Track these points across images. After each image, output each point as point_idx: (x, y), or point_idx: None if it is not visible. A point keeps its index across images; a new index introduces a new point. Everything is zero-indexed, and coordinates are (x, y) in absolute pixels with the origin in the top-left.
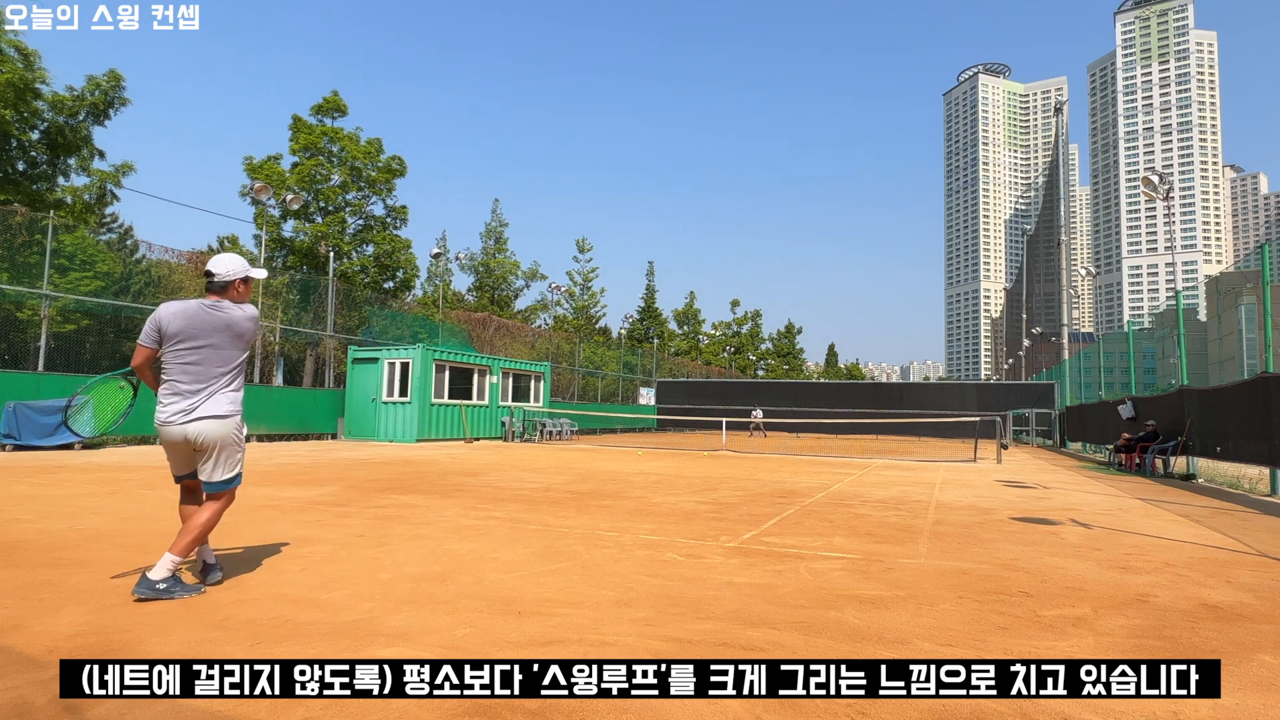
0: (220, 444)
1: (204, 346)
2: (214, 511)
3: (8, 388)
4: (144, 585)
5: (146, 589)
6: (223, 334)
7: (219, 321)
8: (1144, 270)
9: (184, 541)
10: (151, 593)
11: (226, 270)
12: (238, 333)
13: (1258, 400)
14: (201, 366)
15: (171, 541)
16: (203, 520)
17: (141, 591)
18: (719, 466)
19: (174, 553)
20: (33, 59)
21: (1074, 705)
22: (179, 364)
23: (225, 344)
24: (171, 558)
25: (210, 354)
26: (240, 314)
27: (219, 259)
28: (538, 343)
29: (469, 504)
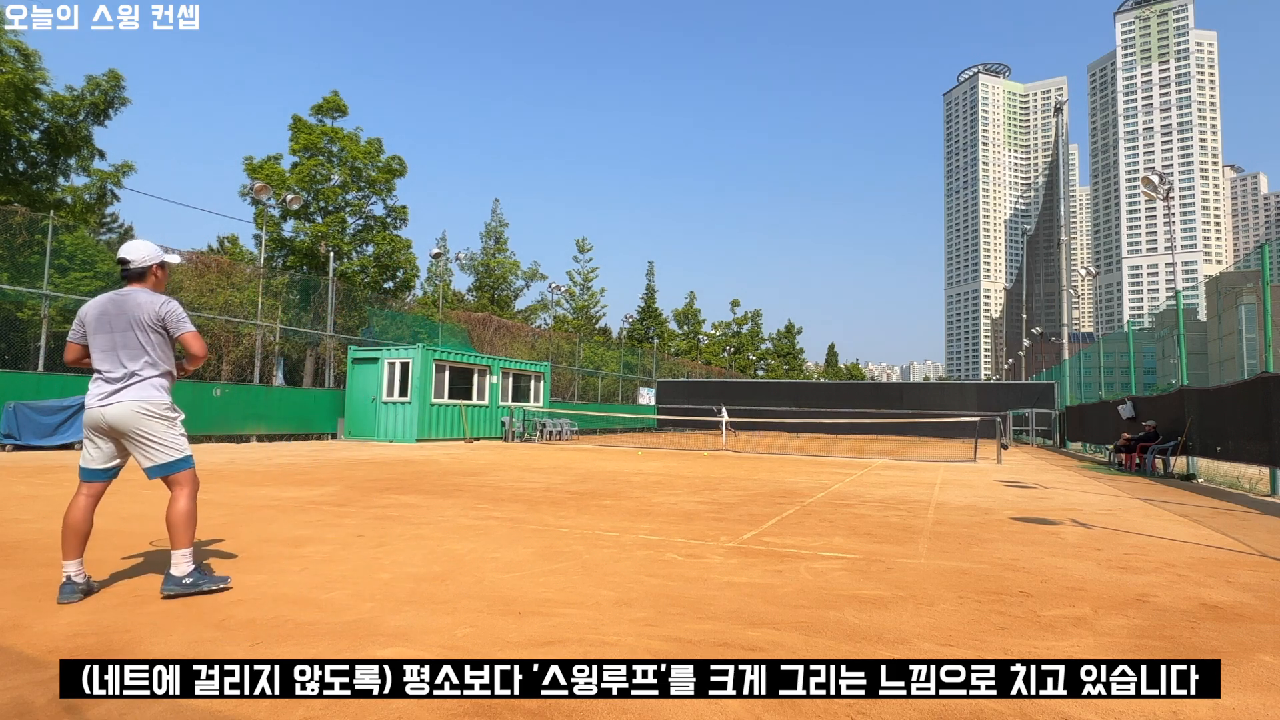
0: (140, 429)
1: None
2: (182, 498)
3: (8, 388)
4: (171, 583)
5: (174, 586)
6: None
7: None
8: (1144, 270)
9: (179, 536)
10: (179, 589)
11: (142, 257)
12: (137, 318)
13: (1258, 400)
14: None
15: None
16: (178, 510)
17: (170, 589)
18: (719, 466)
19: (179, 548)
20: (33, 59)
21: (1074, 705)
22: (98, 352)
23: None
24: (180, 552)
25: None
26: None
27: (132, 245)
28: (538, 343)
29: (469, 504)
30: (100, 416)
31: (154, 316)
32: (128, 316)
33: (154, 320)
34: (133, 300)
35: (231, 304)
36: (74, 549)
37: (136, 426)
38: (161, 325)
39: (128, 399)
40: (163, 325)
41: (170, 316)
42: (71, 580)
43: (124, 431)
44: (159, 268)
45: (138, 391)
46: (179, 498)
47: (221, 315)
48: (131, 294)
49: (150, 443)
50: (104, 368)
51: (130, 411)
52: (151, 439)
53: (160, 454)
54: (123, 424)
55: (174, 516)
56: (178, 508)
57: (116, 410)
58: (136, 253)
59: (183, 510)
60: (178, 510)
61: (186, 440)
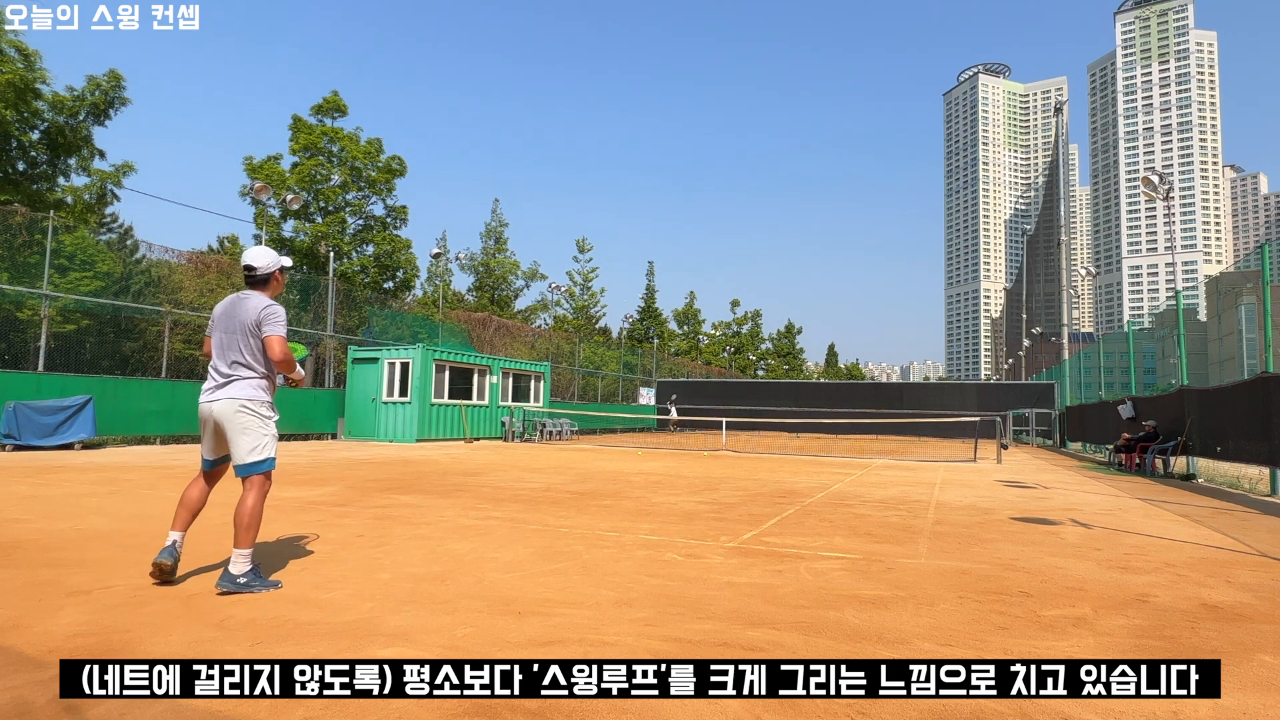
0: (235, 425)
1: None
2: (250, 498)
3: (8, 388)
4: (226, 580)
5: (229, 583)
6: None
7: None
8: (1144, 270)
9: (242, 535)
10: (233, 586)
11: (266, 263)
12: (244, 321)
13: (1258, 400)
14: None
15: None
16: (246, 509)
17: (225, 585)
18: (719, 466)
19: (240, 548)
20: (33, 59)
21: (1074, 705)
22: (214, 349)
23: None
24: (241, 551)
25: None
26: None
27: (255, 252)
28: (538, 343)
29: (469, 504)
30: (206, 410)
31: (255, 320)
32: (239, 319)
33: (254, 324)
34: (246, 304)
35: None
36: (180, 521)
37: (232, 422)
38: (258, 327)
39: (229, 395)
40: (259, 327)
41: (266, 319)
42: (173, 546)
43: (222, 426)
44: (280, 273)
45: (238, 389)
46: (248, 498)
47: None
48: (248, 297)
49: (242, 439)
50: (215, 364)
51: (229, 409)
52: (244, 436)
53: (247, 453)
54: (222, 419)
55: (241, 515)
56: (245, 506)
57: (218, 406)
58: (261, 259)
59: (250, 509)
60: (245, 509)
61: (275, 444)
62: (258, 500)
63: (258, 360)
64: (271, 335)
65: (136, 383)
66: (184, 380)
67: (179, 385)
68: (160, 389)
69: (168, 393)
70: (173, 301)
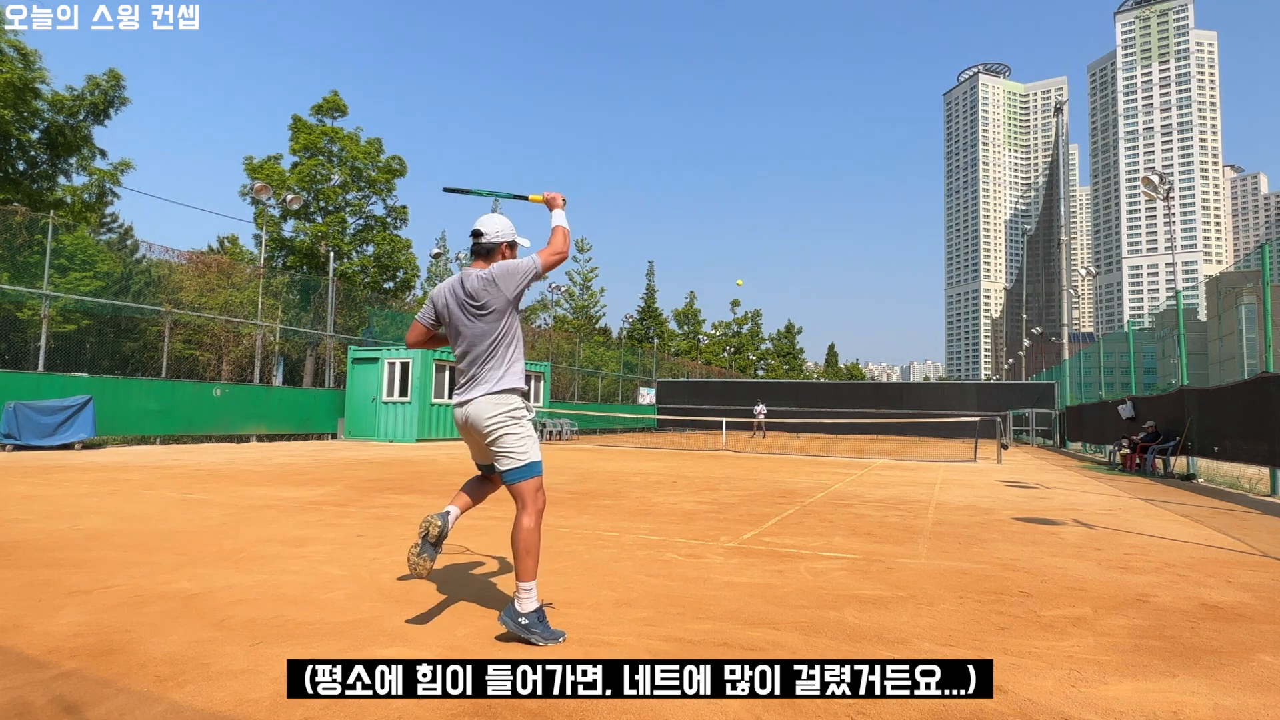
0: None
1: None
2: (523, 517)
3: (8, 388)
4: (509, 615)
5: (511, 621)
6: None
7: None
8: (1144, 270)
9: (522, 564)
10: (516, 628)
11: (496, 231)
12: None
13: (1257, 400)
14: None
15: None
16: (518, 534)
17: (507, 623)
18: (719, 466)
19: (523, 580)
20: (33, 59)
21: (1074, 705)
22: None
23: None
24: (523, 585)
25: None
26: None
27: (487, 219)
28: (538, 343)
29: None
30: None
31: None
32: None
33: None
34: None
35: (231, 304)
36: (459, 499)
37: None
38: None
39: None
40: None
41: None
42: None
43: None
44: (508, 248)
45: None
46: (518, 515)
47: (221, 315)
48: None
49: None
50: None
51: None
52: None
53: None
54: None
55: (516, 539)
56: (519, 528)
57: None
58: (491, 225)
59: (521, 533)
60: (519, 532)
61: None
62: (530, 518)
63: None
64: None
65: (136, 383)
66: (184, 380)
67: (179, 385)
68: (160, 389)
69: (168, 393)
70: (173, 301)
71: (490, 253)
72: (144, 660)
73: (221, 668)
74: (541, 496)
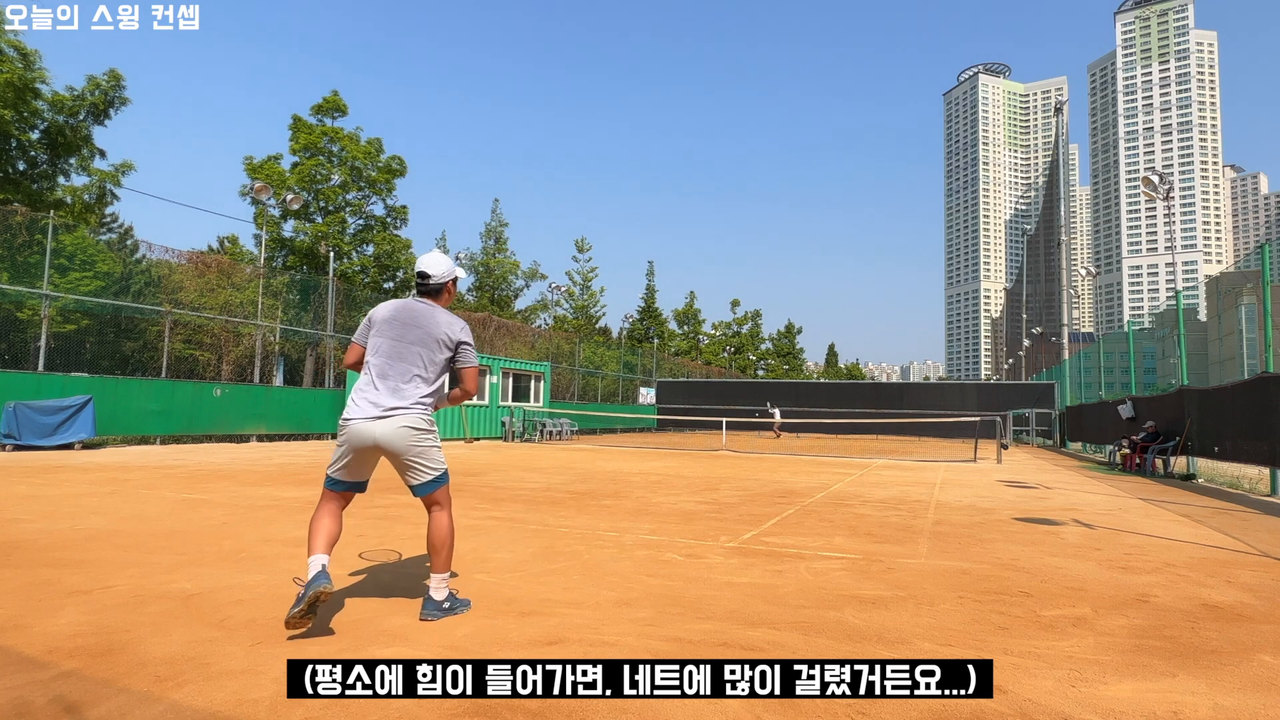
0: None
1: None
2: (441, 516)
3: (8, 388)
4: (432, 608)
5: (435, 610)
6: (417, 332)
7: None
8: (1144, 270)
9: (439, 558)
10: (439, 612)
11: (441, 271)
12: (433, 335)
13: (1258, 400)
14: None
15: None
16: (439, 529)
17: (430, 614)
18: (719, 466)
19: (440, 572)
20: (33, 59)
21: (1074, 705)
22: (379, 357)
23: (421, 343)
24: (441, 576)
25: (402, 350)
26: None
27: (431, 259)
28: (538, 343)
29: (469, 504)
30: (366, 431)
31: (451, 339)
32: (423, 329)
33: (448, 341)
34: (435, 316)
35: (231, 304)
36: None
37: (409, 451)
38: (455, 348)
39: (404, 424)
40: (456, 348)
41: (465, 344)
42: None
43: (392, 452)
44: (452, 284)
45: (413, 417)
46: (441, 517)
47: (221, 315)
48: (434, 309)
49: (421, 461)
50: (378, 378)
51: (403, 437)
52: (423, 458)
53: (428, 472)
54: (392, 445)
55: (437, 536)
56: (440, 526)
57: (383, 430)
58: (436, 266)
59: (445, 529)
60: (440, 529)
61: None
62: (449, 517)
63: (434, 385)
64: (470, 368)
65: (136, 383)
66: (184, 380)
67: (179, 385)
68: (160, 389)
69: (168, 393)
70: (173, 301)
71: (439, 291)
72: (144, 660)
73: (221, 668)
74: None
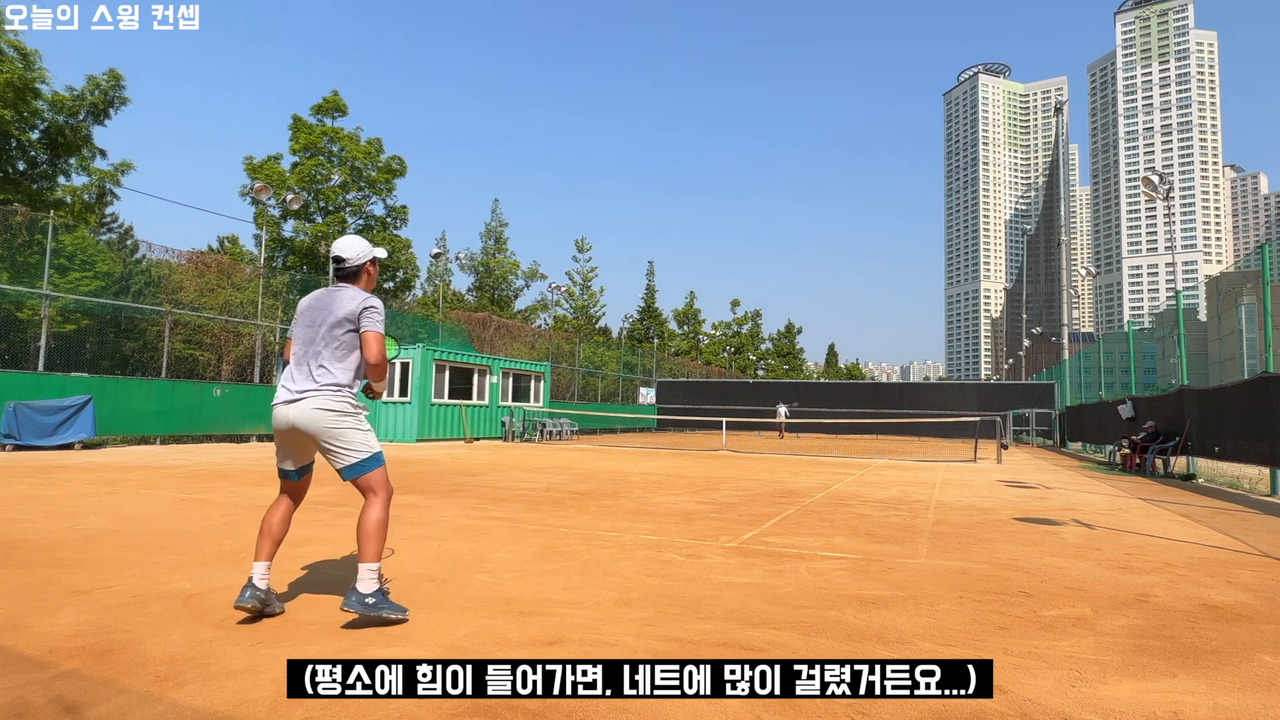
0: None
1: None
2: (371, 503)
3: (8, 388)
4: (354, 599)
5: (356, 603)
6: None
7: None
8: (1144, 270)
9: (368, 548)
10: (362, 606)
11: (357, 253)
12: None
13: (1258, 400)
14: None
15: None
16: (366, 517)
17: (352, 605)
18: (719, 466)
19: (368, 562)
20: (33, 59)
21: (1074, 705)
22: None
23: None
24: (369, 566)
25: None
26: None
27: (345, 242)
28: (538, 343)
29: (469, 504)
30: (283, 416)
31: (353, 313)
32: (329, 312)
33: (350, 317)
34: (339, 295)
35: (231, 304)
36: (264, 551)
37: (323, 433)
38: (357, 320)
39: (315, 405)
40: (358, 320)
41: (367, 313)
42: (251, 583)
43: (309, 434)
44: (372, 264)
45: (324, 399)
46: (370, 504)
47: (221, 315)
48: (341, 289)
49: (338, 442)
50: (294, 368)
51: (315, 419)
52: (340, 439)
53: (350, 453)
54: (307, 427)
55: (363, 523)
56: (367, 514)
57: (295, 412)
58: (350, 249)
59: (373, 517)
60: (368, 517)
61: (374, 435)
62: (383, 506)
63: (344, 364)
64: (370, 331)
65: (136, 383)
66: (184, 380)
67: (179, 385)
68: (160, 389)
69: (168, 393)
70: (173, 301)
71: (357, 274)
72: (144, 660)
73: (221, 668)
74: (390, 484)
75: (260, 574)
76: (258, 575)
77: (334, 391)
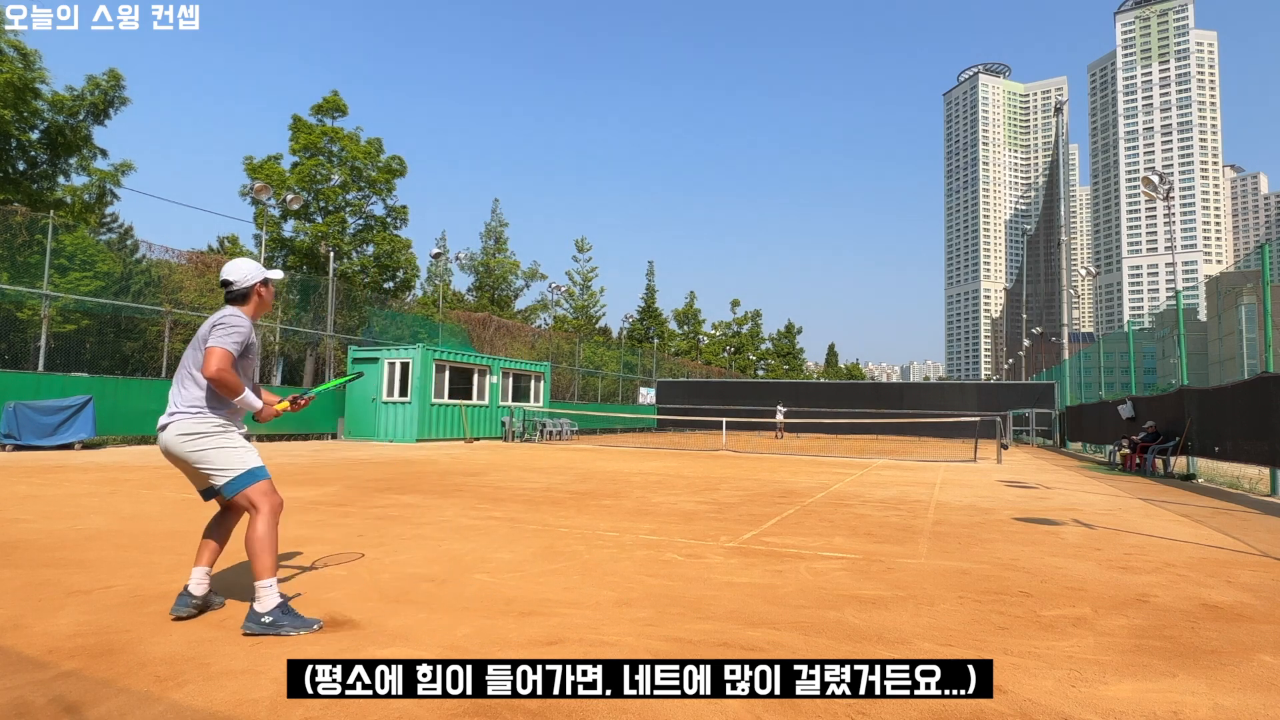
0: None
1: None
2: (254, 521)
3: (8, 388)
4: (251, 620)
5: (253, 624)
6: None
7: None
8: (1144, 270)
9: (258, 564)
10: (260, 627)
11: (244, 276)
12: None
13: (1258, 400)
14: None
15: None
16: (251, 535)
17: (249, 627)
18: (719, 466)
19: (260, 579)
20: (32, 59)
21: (1074, 705)
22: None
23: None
24: (261, 584)
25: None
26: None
27: (233, 265)
28: (538, 343)
29: (469, 504)
30: (161, 442)
31: (204, 335)
32: (198, 336)
33: (202, 339)
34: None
35: None
36: (206, 554)
37: (188, 457)
38: (203, 342)
39: (176, 432)
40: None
41: (215, 330)
42: (186, 591)
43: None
44: (263, 286)
45: (182, 424)
46: (254, 522)
47: None
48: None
49: (208, 464)
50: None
51: (177, 445)
52: (208, 460)
53: (223, 473)
54: (175, 453)
55: (249, 542)
56: (252, 531)
57: (164, 438)
58: (236, 272)
59: (256, 534)
60: (252, 534)
61: (252, 451)
62: (265, 521)
63: (204, 384)
64: (212, 344)
65: (136, 383)
66: None
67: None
68: (160, 389)
69: (168, 393)
70: (173, 301)
71: (245, 297)
72: (144, 660)
73: (221, 668)
74: (274, 498)
75: (198, 579)
76: (194, 582)
77: (194, 413)
